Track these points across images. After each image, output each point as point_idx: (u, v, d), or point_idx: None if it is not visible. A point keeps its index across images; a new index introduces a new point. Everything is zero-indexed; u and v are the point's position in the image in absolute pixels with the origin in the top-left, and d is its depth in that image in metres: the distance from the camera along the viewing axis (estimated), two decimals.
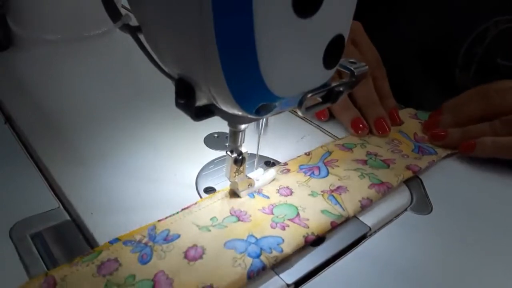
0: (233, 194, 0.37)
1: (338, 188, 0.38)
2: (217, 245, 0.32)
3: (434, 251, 0.35)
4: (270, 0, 0.23)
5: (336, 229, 0.35)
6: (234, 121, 0.33)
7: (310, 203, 0.36)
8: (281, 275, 0.31)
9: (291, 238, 0.33)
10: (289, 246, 0.32)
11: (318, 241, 0.34)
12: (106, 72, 0.56)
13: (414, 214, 0.38)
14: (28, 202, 0.36)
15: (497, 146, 0.43)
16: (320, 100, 0.32)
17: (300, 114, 0.31)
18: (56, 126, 0.45)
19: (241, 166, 0.35)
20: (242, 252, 0.31)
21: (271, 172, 0.39)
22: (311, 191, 0.38)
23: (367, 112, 0.48)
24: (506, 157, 0.43)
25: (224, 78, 0.25)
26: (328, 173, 0.40)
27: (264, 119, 0.36)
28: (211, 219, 0.34)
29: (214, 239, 0.32)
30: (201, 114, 0.29)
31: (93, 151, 0.42)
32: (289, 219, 0.34)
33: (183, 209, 0.35)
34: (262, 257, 0.31)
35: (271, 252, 0.31)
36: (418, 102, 0.55)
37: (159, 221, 0.33)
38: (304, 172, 0.40)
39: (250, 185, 0.37)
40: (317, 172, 0.40)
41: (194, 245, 0.31)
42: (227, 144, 0.35)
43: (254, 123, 0.36)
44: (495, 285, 0.33)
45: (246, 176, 0.37)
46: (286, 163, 0.42)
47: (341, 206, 0.36)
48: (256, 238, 0.32)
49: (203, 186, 0.39)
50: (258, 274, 0.30)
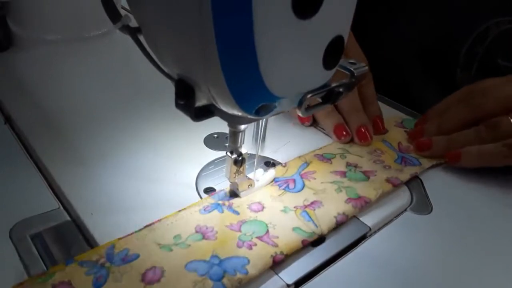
0: (233, 194, 0.37)
1: (312, 203, 0.36)
2: (177, 266, 0.30)
3: (434, 251, 0.35)
4: (270, 0, 0.23)
5: (336, 229, 0.35)
6: (234, 121, 0.33)
7: (281, 220, 0.34)
8: (281, 275, 0.31)
9: (258, 259, 0.31)
10: (255, 268, 0.30)
11: (318, 241, 0.34)
12: (106, 72, 0.56)
13: (414, 214, 0.38)
14: (28, 202, 0.36)
15: (482, 156, 0.41)
16: (320, 100, 0.32)
17: (300, 114, 0.31)
18: (56, 126, 0.45)
19: (241, 166, 0.35)
20: (204, 274, 0.29)
21: (271, 172, 0.39)
22: (284, 207, 0.36)
23: (349, 119, 0.46)
24: (492, 165, 0.41)
25: (224, 79, 0.25)
26: (303, 186, 0.38)
27: (264, 120, 0.36)
28: (175, 237, 0.32)
29: (175, 260, 0.30)
30: (201, 114, 0.29)
31: (93, 151, 0.42)
32: (257, 237, 0.33)
33: (146, 226, 0.33)
34: (224, 279, 0.29)
35: (235, 274, 0.30)
36: (419, 102, 0.55)
37: (120, 239, 0.32)
38: (278, 185, 0.38)
39: (250, 185, 0.37)
40: (292, 185, 0.38)
41: (153, 266, 0.30)
42: (227, 144, 0.35)
43: (253, 124, 0.36)
44: (495, 285, 0.33)
45: (246, 176, 0.37)
46: None
47: (314, 223, 0.34)
48: (219, 259, 0.31)
49: (203, 186, 0.39)
50: None
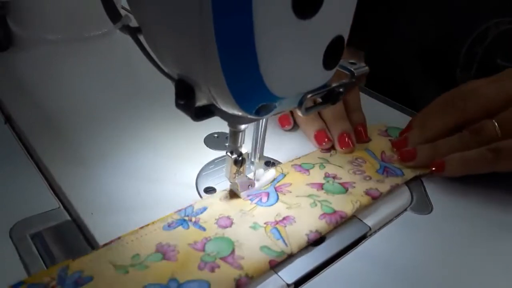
0: (233, 194, 0.37)
1: (285, 218, 0.35)
2: None
3: (434, 251, 0.35)
4: (270, 0, 0.23)
5: (336, 229, 0.35)
6: (234, 121, 0.33)
7: (249, 237, 0.33)
8: (281, 275, 0.31)
9: (219, 284, 0.29)
10: None
11: (318, 241, 0.34)
12: (106, 72, 0.56)
13: (414, 214, 0.38)
14: (28, 202, 0.36)
15: (466, 163, 0.40)
16: (320, 100, 0.32)
17: (300, 114, 0.31)
18: (56, 126, 0.45)
19: (241, 167, 0.35)
20: None
21: (271, 172, 0.39)
22: (253, 223, 0.34)
23: (332, 126, 0.44)
24: (478, 172, 0.40)
25: (224, 79, 0.25)
26: (277, 200, 0.37)
27: (264, 120, 0.36)
28: (133, 257, 0.30)
29: (130, 283, 0.28)
30: (201, 114, 0.29)
31: (93, 151, 0.42)
32: (221, 258, 0.31)
33: (105, 244, 0.31)
34: None
35: None
36: (419, 102, 0.55)
37: (74, 259, 0.30)
38: (250, 199, 0.37)
39: (250, 185, 0.37)
40: (265, 198, 0.37)
41: None
42: (227, 144, 0.35)
43: (253, 124, 0.36)
44: (495, 285, 0.33)
45: (246, 176, 0.37)
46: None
47: (284, 241, 0.32)
48: (178, 283, 0.29)
49: (203, 186, 0.39)
50: None
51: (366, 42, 0.70)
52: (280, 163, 0.42)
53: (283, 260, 0.32)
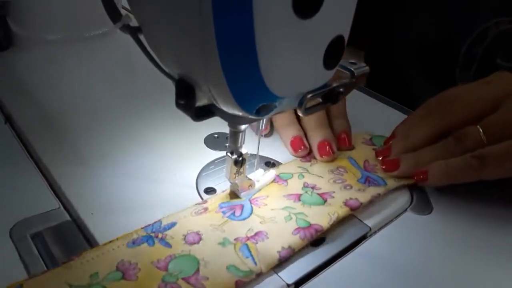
0: (233, 195, 0.37)
1: (256, 234, 0.33)
2: None
3: (434, 251, 0.35)
4: (270, 0, 0.23)
5: (336, 229, 0.35)
6: (234, 121, 0.33)
7: (216, 255, 0.31)
8: (281, 275, 0.31)
9: None
10: None
11: (318, 241, 0.34)
12: (106, 72, 0.56)
13: (414, 214, 0.38)
14: (28, 202, 0.36)
15: (450, 172, 0.38)
16: (320, 100, 0.32)
17: (300, 114, 0.31)
18: (56, 126, 0.45)
19: (241, 167, 0.35)
20: None
21: (271, 172, 0.39)
22: (223, 239, 0.32)
23: (311, 134, 0.42)
24: (463, 180, 0.38)
25: (224, 78, 0.25)
26: (251, 213, 0.35)
27: (264, 119, 0.36)
28: (91, 276, 0.29)
29: None
30: (201, 114, 0.29)
31: (93, 151, 0.42)
32: (183, 278, 0.29)
33: (64, 262, 0.30)
34: None
35: None
36: (418, 102, 0.55)
37: (29, 279, 0.28)
38: (223, 212, 0.35)
39: (250, 186, 0.37)
40: (238, 211, 0.35)
41: None
42: (227, 144, 0.35)
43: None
44: (495, 285, 0.33)
45: (246, 177, 0.37)
46: (205, 201, 0.36)
47: (253, 259, 0.31)
48: None
49: (204, 186, 0.39)
50: None
51: (366, 42, 0.70)
52: (280, 163, 0.42)
53: (251, 280, 0.30)
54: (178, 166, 0.41)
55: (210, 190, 0.38)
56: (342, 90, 0.32)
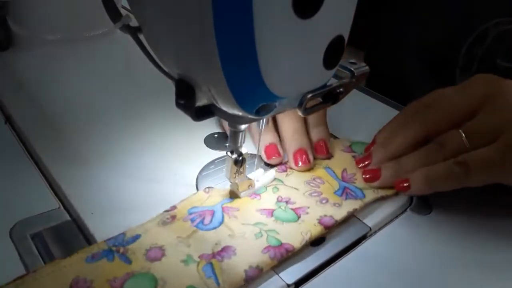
0: (233, 195, 0.37)
1: (223, 249, 0.31)
2: None
3: (434, 252, 0.35)
4: (270, 0, 0.23)
5: (336, 229, 0.35)
6: (234, 121, 0.33)
7: (177, 275, 0.29)
8: (281, 275, 0.31)
9: None
10: None
11: (318, 241, 0.34)
12: (106, 72, 0.56)
13: (414, 214, 0.38)
14: (28, 202, 0.36)
15: (432, 180, 0.36)
16: (320, 100, 0.32)
17: (300, 114, 0.31)
18: (56, 126, 0.45)
19: (241, 167, 0.35)
20: None
21: (271, 172, 0.39)
22: (187, 256, 0.31)
23: (287, 142, 0.40)
24: (447, 188, 0.37)
25: (224, 78, 0.25)
26: (221, 222, 0.34)
27: (264, 119, 0.36)
28: None
29: None
30: (201, 114, 0.29)
31: (93, 151, 0.42)
32: None
33: (17, 278, 0.29)
34: None
35: None
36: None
37: None
38: (191, 219, 0.34)
39: (250, 185, 0.37)
40: (208, 219, 0.34)
41: None
42: (227, 144, 0.35)
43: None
44: (495, 284, 0.33)
45: (246, 176, 0.37)
46: (174, 206, 0.35)
47: (216, 279, 0.29)
48: None
49: (203, 186, 0.39)
50: None
51: (366, 42, 0.71)
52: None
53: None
54: (178, 166, 0.41)
55: (210, 190, 0.38)
56: (342, 90, 0.32)
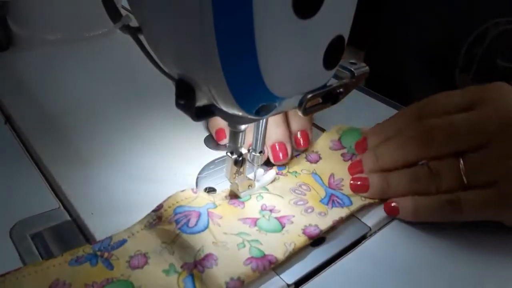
0: (233, 195, 0.37)
1: (205, 258, 0.30)
2: None
3: (434, 252, 0.35)
4: (270, 0, 0.23)
5: (336, 229, 0.35)
6: (234, 121, 0.33)
7: (156, 284, 0.29)
8: (281, 275, 0.31)
9: None
10: None
11: (318, 241, 0.34)
12: (106, 72, 0.56)
13: None
14: (28, 202, 0.36)
15: (421, 213, 0.36)
16: (320, 100, 0.32)
17: (300, 114, 0.31)
18: (56, 126, 0.45)
19: (241, 167, 0.35)
20: None
21: (271, 172, 0.39)
22: (169, 265, 0.30)
23: (266, 136, 0.38)
24: (433, 221, 0.36)
25: (224, 79, 0.25)
26: (207, 226, 0.33)
27: (264, 120, 0.36)
28: None
29: None
30: (201, 114, 0.29)
31: (93, 151, 0.42)
32: None
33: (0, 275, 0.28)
34: None
35: None
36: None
37: None
38: (176, 220, 0.33)
39: (250, 186, 0.37)
40: (193, 221, 0.33)
41: None
42: (227, 144, 0.35)
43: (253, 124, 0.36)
44: (495, 284, 0.33)
45: (246, 177, 0.37)
46: (161, 205, 0.34)
47: None
48: None
49: (203, 186, 0.39)
50: None
51: (366, 42, 0.71)
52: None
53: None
54: (178, 166, 0.41)
55: (210, 190, 0.38)
56: (342, 90, 0.32)
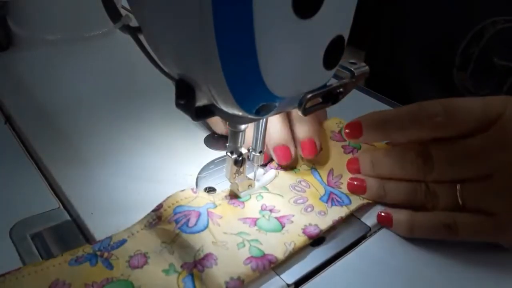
0: (233, 195, 0.37)
1: (205, 257, 0.30)
2: None
3: (434, 252, 0.35)
4: (270, 0, 0.23)
5: (336, 229, 0.35)
6: (234, 121, 0.33)
7: (156, 284, 0.29)
8: (281, 275, 0.31)
9: None
10: None
11: (318, 241, 0.34)
12: (106, 72, 0.56)
13: None
14: (28, 202, 0.36)
15: (415, 230, 0.35)
16: (320, 100, 0.32)
17: (300, 114, 0.31)
18: (56, 126, 0.45)
19: (241, 167, 0.35)
20: None
21: (271, 172, 0.39)
22: (169, 265, 0.30)
23: (269, 137, 0.38)
24: (427, 237, 0.35)
25: (224, 79, 0.25)
26: (207, 226, 0.32)
27: (264, 119, 0.36)
28: None
29: None
30: (201, 114, 0.29)
31: (93, 151, 0.42)
32: None
33: (1, 275, 0.28)
34: None
35: None
36: (418, 101, 0.55)
37: None
38: (176, 220, 0.33)
39: (250, 185, 0.37)
40: (193, 221, 0.32)
41: None
42: (227, 144, 0.35)
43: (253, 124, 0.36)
44: (495, 283, 0.33)
45: (246, 177, 0.37)
46: (161, 205, 0.34)
47: None
48: None
49: (203, 186, 0.39)
50: None
51: (366, 42, 0.71)
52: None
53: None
54: (178, 166, 0.41)
55: (210, 190, 0.38)
56: (342, 90, 0.32)
